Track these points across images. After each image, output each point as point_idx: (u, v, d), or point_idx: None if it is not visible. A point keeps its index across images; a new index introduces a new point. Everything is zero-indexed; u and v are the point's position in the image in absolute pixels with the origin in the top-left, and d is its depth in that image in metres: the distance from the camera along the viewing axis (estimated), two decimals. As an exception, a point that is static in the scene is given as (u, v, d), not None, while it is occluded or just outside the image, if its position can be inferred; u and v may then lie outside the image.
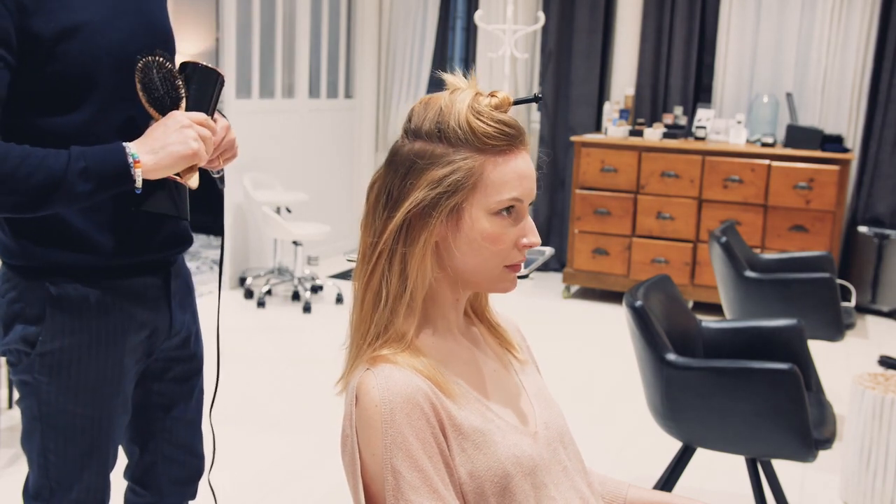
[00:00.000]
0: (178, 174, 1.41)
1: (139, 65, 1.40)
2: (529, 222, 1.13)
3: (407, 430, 1.03)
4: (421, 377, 1.07)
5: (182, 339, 1.64)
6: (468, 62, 6.45)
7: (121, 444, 1.64)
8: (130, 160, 1.34)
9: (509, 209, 1.10)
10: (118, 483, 1.65)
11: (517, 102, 1.16)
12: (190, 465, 1.70)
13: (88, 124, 1.41)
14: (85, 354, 1.47)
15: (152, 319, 1.55)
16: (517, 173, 1.09)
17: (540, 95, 1.23)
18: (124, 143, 1.35)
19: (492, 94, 1.11)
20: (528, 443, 1.13)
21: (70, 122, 1.40)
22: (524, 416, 1.17)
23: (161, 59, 1.41)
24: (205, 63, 1.47)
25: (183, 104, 1.43)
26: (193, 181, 1.42)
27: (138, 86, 1.40)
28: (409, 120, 1.12)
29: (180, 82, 1.43)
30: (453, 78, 1.14)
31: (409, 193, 1.09)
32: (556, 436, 1.19)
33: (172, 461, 1.67)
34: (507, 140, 1.09)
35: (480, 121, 1.08)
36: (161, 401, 1.65)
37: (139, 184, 1.35)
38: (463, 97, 1.09)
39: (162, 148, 1.36)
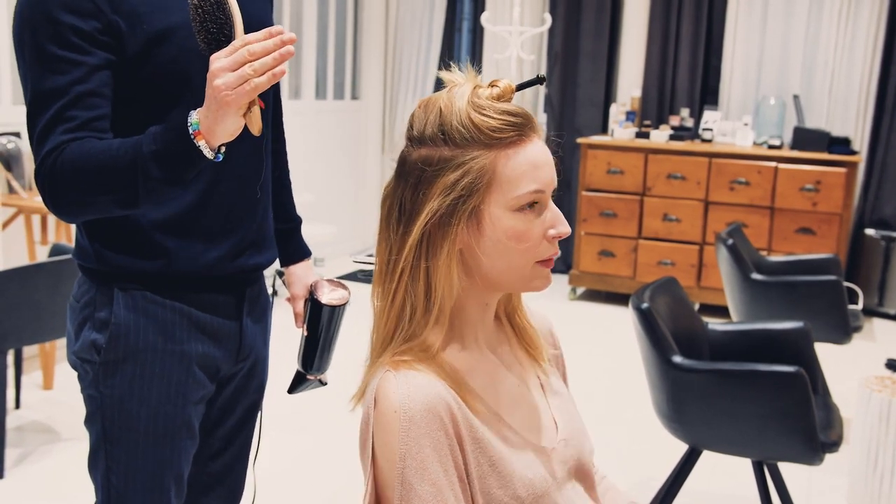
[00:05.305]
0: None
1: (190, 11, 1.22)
2: (555, 212, 1.06)
3: (424, 441, 0.98)
4: (444, 385, 1.02)
5: (250, 366, 1.59)
6: (474, 64, 6.43)
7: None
8: (192, 132, 1.20)
9: (532, 204, 1.04)
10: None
11: (520, 88, 1.09)
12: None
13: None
14: (148, 368, 1.42)
15: (221, 337, 1.50)
16: (532, 163, 1.03)
17: (543, 76, 1.14)
18: (191, 113, 1.22)
19: (492, 85, 1.06)
20: (542, 462, 1.09)
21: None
22: (542, 434, 1.12)
23: None
24: None
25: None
26: (254, 127, 1.24)
27: (197, 35, 1.22)
28: (411, 126, 1.06)
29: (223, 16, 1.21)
30: (450, 75, 1.08)
31: (424, 205, 1.03)
32: (575, 453, 1.15)
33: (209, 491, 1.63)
34: (516, 130, 1.03)
35: (483, 115, 1.02)
36: (219, 444, 1.60)
37: (209, 154, 1.21)
38: (461, 93, 1.04)
39: (207, 106, 1.20)
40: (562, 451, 1.12)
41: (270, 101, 1.58)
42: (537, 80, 1.12)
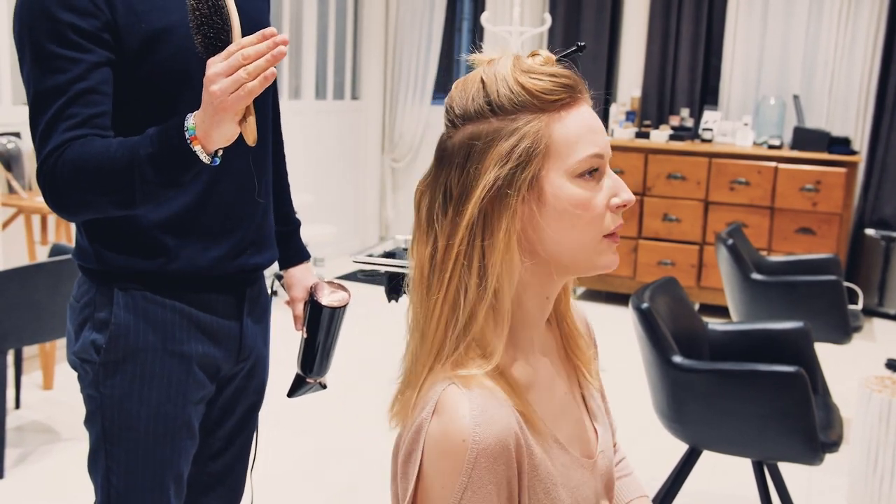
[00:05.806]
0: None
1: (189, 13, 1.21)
2: (616, 179, 1.01)
3: (487, 478, 0.91)
4: (511, 406, 0.94)
5: (250, 366, 1.59)
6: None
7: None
8: (188, 136, 1.20)
9: (592, 171, 0.98)
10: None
11: (560, 57, 1.03)
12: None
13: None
14: (148, 368, 1.42)
15: (221, 338, 1.50)
16: (587, 126, 0.98)
17: (583, 44, 1.09)
18: (188, 117, 1.22)
19: (533, 54, 1.00)
20: (588, 479, 1.06)
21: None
22: (588, 446, 1.09)
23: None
24: None
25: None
26: (249, 137, 1.23)
27: (195, 38, 1.21)
28: (451, 108, 0.99)
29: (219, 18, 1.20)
30: (481, 55, 1.01)
31: (477, 180, 0.95)
32: (608, 463, 1.12)
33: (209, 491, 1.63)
34: (568, 91, 0.97)
35: (533, 78, 0.96)
36: (219, 444, 1.60)
37: (205, 159, 1.22)
38: (503, 63, 0.98)
39: (204, 111, 1.19)
40: (600, 463, 1.09)
41: (269, 104, 1.58)
42: (577, 49, 1.07)
